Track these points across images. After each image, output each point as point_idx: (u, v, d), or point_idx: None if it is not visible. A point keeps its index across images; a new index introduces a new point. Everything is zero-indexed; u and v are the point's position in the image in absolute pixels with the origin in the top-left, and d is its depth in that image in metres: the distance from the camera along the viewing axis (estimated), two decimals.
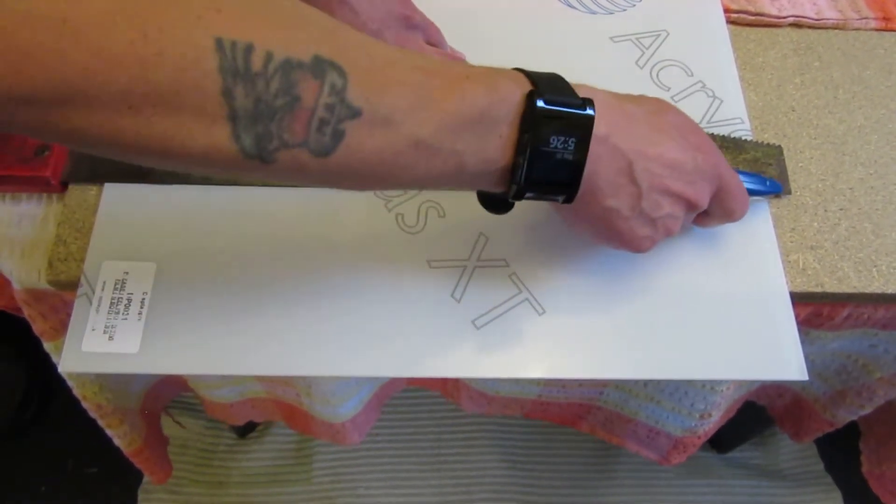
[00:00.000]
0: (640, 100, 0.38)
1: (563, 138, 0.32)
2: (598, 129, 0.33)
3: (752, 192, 0.46)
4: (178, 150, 0.26)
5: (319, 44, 0.27)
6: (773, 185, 0.48)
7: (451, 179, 0.32)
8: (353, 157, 0.29)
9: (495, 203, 0.38)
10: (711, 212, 0.42)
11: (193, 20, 0.24)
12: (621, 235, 0.38)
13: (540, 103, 0.31)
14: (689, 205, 0.39)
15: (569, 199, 0.34)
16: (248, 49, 0.25)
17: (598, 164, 0.34)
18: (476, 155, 0.31)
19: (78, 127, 0.25)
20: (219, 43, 0.25)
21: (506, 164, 0.32)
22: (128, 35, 0.23)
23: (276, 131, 0.27)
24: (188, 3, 0.25)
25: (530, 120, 0.31)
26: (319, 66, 0.27)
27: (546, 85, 0.32)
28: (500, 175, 0.33)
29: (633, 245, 0.38)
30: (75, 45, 0.23)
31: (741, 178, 0.43)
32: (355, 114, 0.28)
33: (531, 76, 0.33)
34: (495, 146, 0.32)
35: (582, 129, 0.32)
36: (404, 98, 0.29)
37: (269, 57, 0.26)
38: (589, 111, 0.33)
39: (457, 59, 0.48)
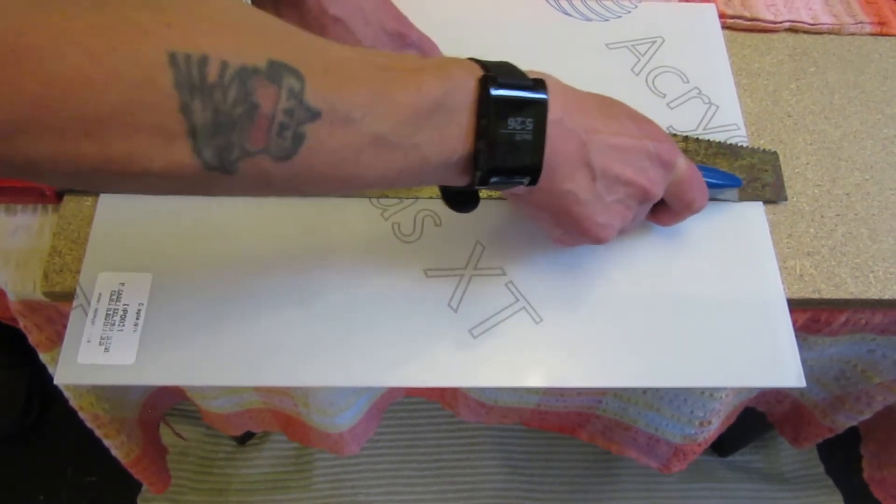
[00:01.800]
0: (590, 92, 0.38)
1: (520, 119, 0.32)
2: (554, 111, 0.34)
3: (710, 186, 0.46)
4: (139, 171, 0.26)
5: (273, 48, 0.27)
6: (732, 178, 0.48)
7: (415, 174, 0.32)
8: (315, 159, 0.29)
9: (460, 199, 0.38)
10: (670, 203, 0.42)
11: (143, 37, 0.24)
12: (580, 222, 0.38)
13: (493, 87, 0.31)
14: (642, 192, 0.39)
15: (533, 181, 0.34)
16: (203, 60, 0.25)
17: (555, 146, 0.34)
18: (437, 146, 0.31)
19: (34, 159, 0.24)
20: (172, 57, 0.24)
21: (467, 152, 0.32)
22: (78, 59, 0.23)
23: (237, 141, 0.27)
24: (136, 20, 0.24)
25: (486, 104, 0.31)
26: (276, 71, 0.26)
27: (498, 69, 0.33)
28: (462, 165, 0.33)
29: (593, 233, 0.38)
30: (26, 74, 0.22)
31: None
32: (315, 115, 0.28)
33: (483, 63, 0.33)
34: (455, 135, 0.32)
35: (537, 108, 0.33)
36: (362, 95, 0.29)
37: (224, 66, 0.25)
38: (542, 90, 0.33)
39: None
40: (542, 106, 0.33)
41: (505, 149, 0.32)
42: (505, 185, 0.35)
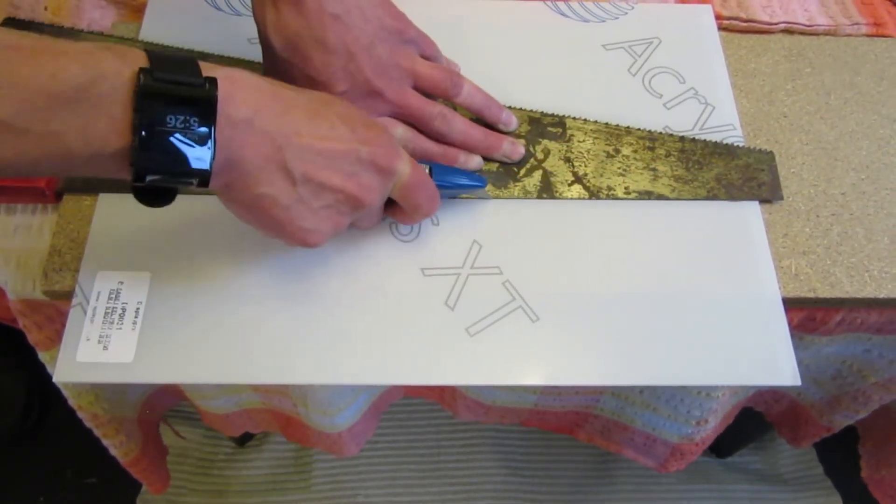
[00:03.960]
0: (306, 90, 0.37)
1: (182, 118, 0.31)
2: (240, 111, 0.32)
3: (454, 187, 0.46)
4: None
5: None
6: (476, 178, 0.47)
7: (59, 164, 0.31)
8: None
9: (149, 193, 0.36)
10: (403, 207, 0.42)
11: None
12: (282, 226, 0.37)
13: (148, 80, 0.30)
14: (353, 199, 0.38)
15: (203, 183, 0.33)
16: None
17: (244, 149, 0.33)
18: (81, 137, 0.30)
19: None
20: None
21: (123, 146, 0.31)
22: None
23: None
24: None
25: (140, 98, 0.30)
26: None
27: (163, 63, 0.31)
28: (120, 159, 0.31)
29: (299, 237, 0.37)
30: None
31: (440, 172, 0.44)
32: None
33: (151, 54, 0.31)
34: (105, 127, 0.30)
35: (203, 107, 0.31)
36: None
37: None
38: (211, 91, 0.32)
39: (452, 69, 0.48)
40: (208, 105, 0.31)
41: (163, 147, 0.31)
42: (171, 184, 0.33)
